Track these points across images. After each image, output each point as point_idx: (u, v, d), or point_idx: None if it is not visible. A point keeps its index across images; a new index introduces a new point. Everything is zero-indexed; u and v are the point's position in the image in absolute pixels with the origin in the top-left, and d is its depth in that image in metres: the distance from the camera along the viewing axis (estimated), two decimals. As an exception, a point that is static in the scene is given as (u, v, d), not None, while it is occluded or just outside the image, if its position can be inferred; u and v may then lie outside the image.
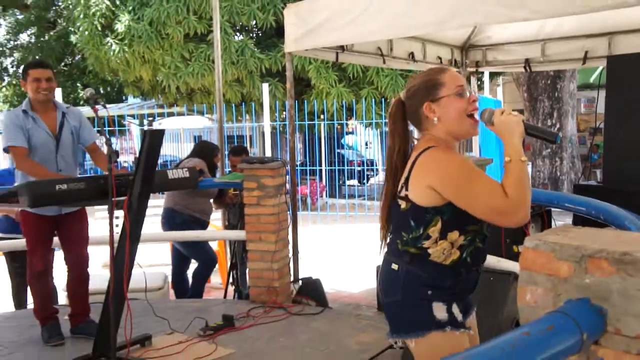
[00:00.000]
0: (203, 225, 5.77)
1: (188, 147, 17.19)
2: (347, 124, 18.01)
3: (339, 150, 17.74)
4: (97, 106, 3.72)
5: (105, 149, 3.55)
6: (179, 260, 5.83)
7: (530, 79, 13.73)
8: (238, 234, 5.27)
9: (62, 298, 5.12)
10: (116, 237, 3.54)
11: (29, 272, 4.18)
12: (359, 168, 18.65)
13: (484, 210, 1.95)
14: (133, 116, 22.54)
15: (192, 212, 5.62)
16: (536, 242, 1.32)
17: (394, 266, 2.11)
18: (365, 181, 18.96)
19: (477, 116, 2.10)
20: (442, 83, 2.09)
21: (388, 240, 2.21)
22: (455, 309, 2.07)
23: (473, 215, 1.97)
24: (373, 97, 13.18)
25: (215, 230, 6.10)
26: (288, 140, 5.35)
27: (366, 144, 21.86)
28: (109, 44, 13.89)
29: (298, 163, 16.77)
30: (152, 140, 3.47)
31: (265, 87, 9.31)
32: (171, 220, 5.62)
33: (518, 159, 1.93)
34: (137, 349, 3.98)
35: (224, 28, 13.10)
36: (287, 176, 5.23)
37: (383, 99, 13.12)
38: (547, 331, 1.13)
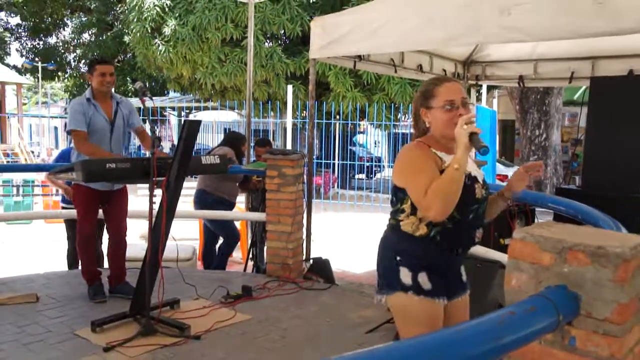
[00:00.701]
0: (230, 206, 5.78)
1: (218, 138, 17.23)
2: (359, 125, 17.93)
3: (350, 147, 17.71)
4: (144, 97, 3.75)
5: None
6: (209, 236, 5.85)
7: (522, 94, 13.66)
8: (259, 216, 5.27)
9: (106, 263, 5.17)
10: (154, 212, 3.57)
11: (78, 237, 4.24)
12: (368, 164, 18.66)
13: (413, 199, 2.06)
14: (173, 108, 22.63)
15: (221, 194, 5.64)
16: (524, 234, 1.32)
17: (383, 234, 2.25)
18: (372, 175, 18.96)
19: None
20: (434, 95, 2.13)
21: None
22: (422, 278, 2.09)
23: None
24: (384, 102, 13.12)
25: (239, 211, 6.09)
26: (307, 136, 5.33)
27: (375, 143, 21.85)
28: (157, 44, 13.93)
29: (314, 157, 16.78)
30: (190, 129, 3.48)
31: (290, 88, 9.28)
32: (203, 200, 5.64)
33: (452, 166, 1.96)
34: (167, 310, 4.00)
35: (256, 35, 13.10)
36: (305, 167, 5.22)
37: (392, 104, 13.06)
38: (530, 311, 1.12)
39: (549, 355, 1.27)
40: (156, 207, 3.72)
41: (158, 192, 3.65)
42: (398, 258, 2.13)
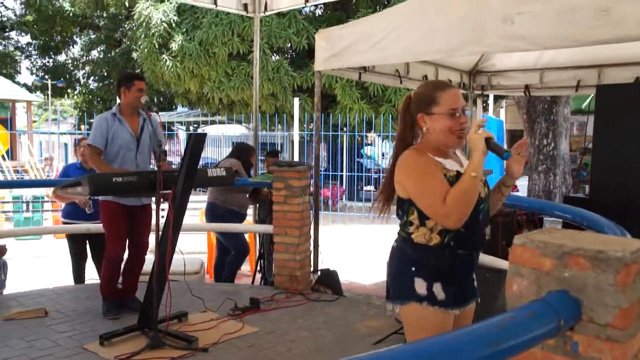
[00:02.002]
0: (241, 217, 5.80)
1: (227, 151, 17.29)
2: (366, 137, 17.96)
3: (358, 159, 17.71)
4: (150, 112, 3.79)
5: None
6: (221, 249, 5.85)
7: (529, 103, 13.62)
8: (266, 228, 5.28)
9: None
10: (161, 226, 3.59)
11: (105, 256, 4.17)
12: (376, 175, 18.61)
13: (425, 208, 2.02)
14: (181, 123, 22.77)
15: (231, 206, 5.65)
16: (524, 240, 1.31)
17: (394, 244, 2.21)
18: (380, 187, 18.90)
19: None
20: (437, 102, 2.08)
21: None
22: (436, 288, 2.07)
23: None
24: (390, 114, 13.15)
25: (247, 224, 6.10)
26: (314, 148, 5.34)
27: (382, 155, 21.83)
28: (164, 60, 14.08)
29: (322, 169, 16.80)
30: (195, 142, 3.50)
31: (296, 101, 9.34)
32: (214, 213, 5.64)
33: (469, 173, 1.94)
34: (175, 323, 4.00)
35: (262, 49, 13.20)
36: (312, 179, 5.23)
37: (399, 116, 13.08)
38: (529, 316, 1.12)
39: (552, 361, 1.27)
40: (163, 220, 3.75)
41: (165, 206, 3.68)
42: (413, 269, 2.10)
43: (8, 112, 15.24)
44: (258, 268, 5.69)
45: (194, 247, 8.06)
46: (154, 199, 3.77)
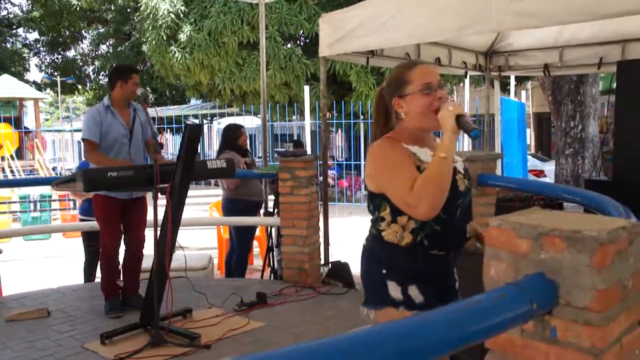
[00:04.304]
0: (259, 205, 5.86)
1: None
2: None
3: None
4: (145, 104, 3.82)
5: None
6: (233, 244, 5.89)
7: (554, 84, 13.39)
8: (274, 220, 5.30)
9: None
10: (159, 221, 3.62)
11: (101, 252, 4.25)
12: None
13: (396, 200, 1.92)
14: (195, 116, 22.89)
15: (250, 197, 5.69)
16: (499, 221, 1.30)
17: (364, 242, 2.12)
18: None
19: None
20: (408, 80, 2.00)
21: None
22: (413, 291, 1.97)
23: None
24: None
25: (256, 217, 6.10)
26: (322, 137, 5.33)
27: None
28: (173, 51, 14.13)
29: (342, 159, 16.75)
30: (191, 134, 3.52)
31: (307, 89, 9.33)
32: (233, 208, 5.64)
33: (438, 154, 1.85)
34: (179, 320, 4.05)
35: (274, 37, 13.20)
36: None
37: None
38: (498, 299, 1.11)
39: (530, 347, 1.25)
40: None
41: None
42: (384, 271, 2.00)
43: (16, 111, 15.46)
44: (268, 261, 5.70)
45: (204, 242, 8.15)
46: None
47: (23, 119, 16.20)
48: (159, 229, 3.67)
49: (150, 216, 4.57)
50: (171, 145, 24.98)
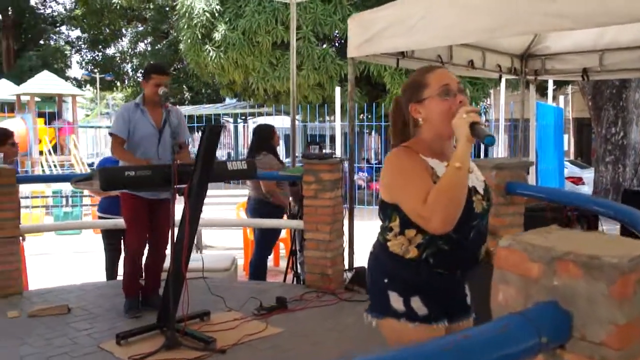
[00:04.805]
0: (285, 208, 5.82)
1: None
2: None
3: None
4: (167, 104, 3.78)
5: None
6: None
7: (595, 89, 13.01)
8: (298, 223, 5.22)
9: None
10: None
11: (126, 251, 4.23)
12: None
13: (409, 212, 1.84)
14: (229, 115, 23.04)
15: (280, 201, 5.65)
16: (510, 241, 1.18)
17: (371, 249, 2.07)
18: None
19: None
20: (426, 84, 1.91)
21: None
22: (415, 302, 1.89)
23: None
24: (443, 102, 12.86)
25: (280, 219, 6.04)
26: (348, 138, 5.23)
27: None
28: (207, 50, 14.21)
29: (376, 161, 16.62)
30: (211, 135, 3.47)
31: (338, 90, 9.22)
32: (260, 210, 5.58)
33: (452, 164, 1.76)
34: (196, 322, 3.99)
35: (308, 37, 13.16)
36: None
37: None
38: (498, 332, 0.99)
39: (540, 383, 1.13)
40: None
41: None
42: (386, 280, 1.94)
43: (55, 107, 15.79)
44: (291, 265, 5.63)
45: (231, 242, 8.13)
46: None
47: (64, 115, 16.54)
48: (176, 229, 3.62)
49: (177, 217, 4.55)
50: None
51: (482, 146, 12.90)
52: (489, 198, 2.01)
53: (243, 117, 21.74)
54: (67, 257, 8.45)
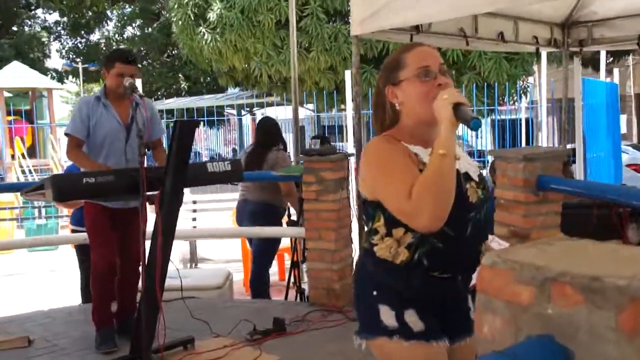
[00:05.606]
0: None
1: (286, 138, 17.27)
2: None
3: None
4: (133, 96, 3.71)
5: None
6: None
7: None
8: (298, 231, 5.13)
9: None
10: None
11: (92, 272, 4.13)
12: (467, 160, 18.06)
13: (393, 209, 1.82)
14: (232, 106, 23.03)
15: (283, 205, 5.66)
16: (494, 258, 1.07)
17: (357, 258, 2.09)
18: (474, 174, 18.34)
19: None
20: (403, 64, 1.92)
21: None
22: (410, 316, 1.87)
23: None
24: (475, 83, 12.69)
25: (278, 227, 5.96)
26: (354, 130, 5.11)
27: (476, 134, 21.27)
28: (202, 33, 14.18)
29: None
30: (183, 131, 3.39)
31: (348, 74, 9.08)
32: (269, 216, 5.52)
33: (436, 151, 1.74)
34: (179, 351, 3.91)
35: (316, 14, 13.05)
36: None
37: (486, 85, 12.59)
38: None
39: None
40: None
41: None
42: (375, 293, 1.92)
43: (27, 103, 15.84)
44: (293, 280, 5.53)
45: (231, 253, 8.09)
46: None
47: (45, 111, 16.58)
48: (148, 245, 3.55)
49: (150, 228, 4.49)
50: (203, 140, 25.26)
51: (519, 135, 12.67)
52: (485, 186, 1.99)
53: (248, 109, 21.71)
54: (41, 276, 8.45)
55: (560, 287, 0.97)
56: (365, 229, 2.01)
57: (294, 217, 5.59)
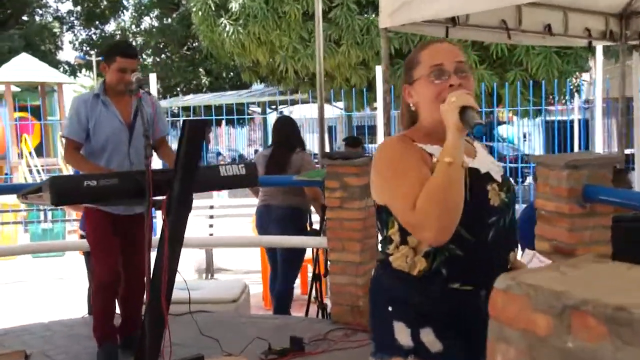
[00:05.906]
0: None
1: (313, 138, 17.27)
2: (496, 113, 17.36)
3: (488, 143, 17.13)
4: (140, 92, 3.73)
5: None
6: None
7: None
8: (320, 241, 5.11)
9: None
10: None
11: (94, 283, 4.16)
12: (513, 165, 17.86)
13: (400, 219, 1.84)
14: (256, 104, 23.12)
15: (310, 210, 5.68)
16: (508, 282, 1.03)
17: (373, 272, 2.06)
18: (521, 179, 18.11)
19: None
20: (417, 62, 1.95)
21: None
22: (427, 336, 1.86)
23: None
24: (522, 79, 12.55)
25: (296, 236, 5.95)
26: (383, 131, 5.09)
27: (524, 136, 21.14)
28: (223, 24, 14.26)
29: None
30: (191, 132, 3.38)
31: (379, 69, 9.05)
32: (297, 220, 5.55)
33: (442, 159, 1.75)
34: (186, 371, 3.92)
35: (346, 4, 13.05)
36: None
37: (532, 82, 12.46)
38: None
39: None
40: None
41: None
42: (390, 309, 1.91)
43: (36, 99, 16.00)
44: (314, 294, 5.52)
45: (251, 264, 8.10)
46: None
47: (54, 108, 16.74)
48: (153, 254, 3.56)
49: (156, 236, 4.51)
50: (226, 139, 25.35)
51: (569, 138, 12.49)
52: (510, 189, 1.98)
53: (273, 106, 21.75)
54: (45, 285, 8.55)
55: (582, 317, 0.93)
56: (379, 237, 2.02)
57: (315, 226, 5.57)
